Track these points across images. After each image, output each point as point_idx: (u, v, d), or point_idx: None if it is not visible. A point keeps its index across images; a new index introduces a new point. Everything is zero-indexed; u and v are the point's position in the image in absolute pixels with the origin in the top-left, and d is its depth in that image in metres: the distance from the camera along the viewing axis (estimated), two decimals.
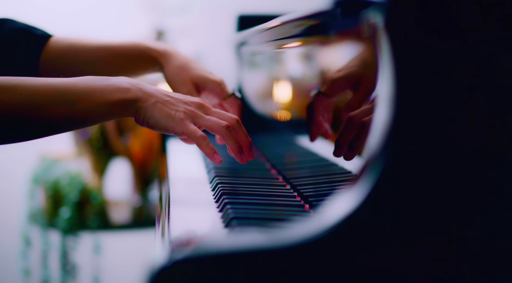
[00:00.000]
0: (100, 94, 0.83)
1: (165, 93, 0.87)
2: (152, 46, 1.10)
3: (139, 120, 0.86)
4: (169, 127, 0.85)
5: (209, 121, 0.88)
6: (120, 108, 0.84)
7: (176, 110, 0.86)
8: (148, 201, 2.30)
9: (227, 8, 2.15)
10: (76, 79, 0.85)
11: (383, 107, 0.55)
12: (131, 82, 0.86)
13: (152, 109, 0.85)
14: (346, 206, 0.54)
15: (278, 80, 1.35)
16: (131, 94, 0.84)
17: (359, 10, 0.58)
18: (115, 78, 0.86)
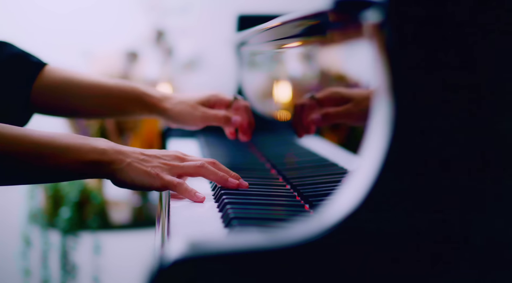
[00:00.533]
0: (76, 153, 0.85)
1: (140, 151, 0.89)
2: (149, 92, 1.11)
3: (116, 181, 0.87)
4: (147, 184, 0.87)
5: (185, 167, 0.90)
6: (95, 169, 0.86)
7: (151, 167, 0.87)
8: (148, 201, 2.30)
9: (227, 8, 2.15)
10: (55, 134, 0.86)
11: (383, 107, 0.55)
12: (108, 145, 0.87)
13: (128, 169, 0.86)
14: (346, 206, 0.54)
15: (278, 80, 1.35)
16: (106, 156, 0.86)
17: (359, 10, 0.58)
18: (93, 139, 0.88)
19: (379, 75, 0.55)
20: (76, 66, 2.61)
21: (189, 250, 0.52)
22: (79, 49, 2.53)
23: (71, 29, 2.64)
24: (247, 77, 1.59)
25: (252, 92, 1.56)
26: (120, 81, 1.13)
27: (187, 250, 0.52)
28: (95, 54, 2.50)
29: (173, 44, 2.52)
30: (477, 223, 0.55)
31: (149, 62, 2.54)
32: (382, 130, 0.55)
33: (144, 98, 1.10)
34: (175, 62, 2.54)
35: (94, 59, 2.53)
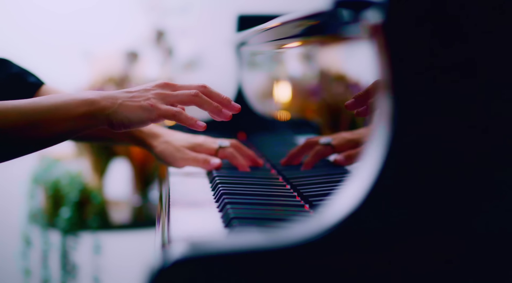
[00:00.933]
0: (65, 110, 0.84)
1: (126, 90, 0.88)
2: None
3: (114, 126, 0.87)
4: (144, 118, 0.86)
5: (179, 96, 0.89)
6: (89, 120, 0.85)
7: (143, 99, 0.87)
8: (148, 201, 2.29)
9: (227, 8, 2.15)
10: (40, 98, 0.85)
11: (383, 107, 0.55)
12: (95, 93, 0.87)
13: (121, 110, 0.85)
14: (346, 206, 0.54)
15: (278, 80, 1.35)
16: (96, 104, 0.85)
17: (359, 10, 0.58)
18: (79, 93, 0.87)
19: (379, 75, 0.55)
20: (76, 66, 2.62)
21: (189, 250, 0.52)
22: (80, 50, 2.53)
23: (72, 30, 2.64)
24: (247, 77, 1.59)
25: (252, 92, 1.56)
26: None
27: (187, 250, 0.52)
28: (95, 54, 2.50)
29: (173, 44, 2.52)
30: (479, 222, 0.55)
31: (149, 62, 2.54)
32: (382, 130, 0.55)
33: (133, 132, 1.12)
34: (175, 62, 2.54)
35: (94, 59, 2.53)
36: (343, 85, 0.94)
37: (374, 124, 0.56)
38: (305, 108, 1.20)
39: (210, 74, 2.61)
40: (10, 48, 2.66)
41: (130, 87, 1.13)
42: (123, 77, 2.45)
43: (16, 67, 1.09)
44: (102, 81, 2.51)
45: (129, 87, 0.93)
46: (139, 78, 2.49)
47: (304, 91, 1.20)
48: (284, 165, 1.10)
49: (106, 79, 2.51)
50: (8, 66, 1.08)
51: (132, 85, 2.48)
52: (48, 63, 2.65)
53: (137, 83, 2.50)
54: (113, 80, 2.50)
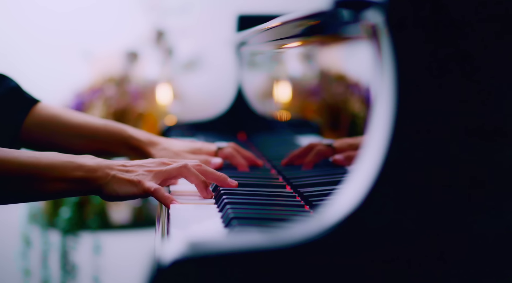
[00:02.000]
0: (62, 170, 0.86)
1: (122, 163, 0.90)
2: (135, 136, 1.13)
3: (104, 196, 0.88)
4: (130, 192, 0.88)
5: (168, 170, 0.90)
6: (81, 186, 0.87)
7: (135, 175, 0.88)
8: (148, 201, 2.29)
9: (227, 8, 2.15)
10: (41, 154, 0.88)
11: (384, 107, 0.55)
12: (94, 161, 0.89)
13: (113, 182, 0.87)
14: (346, 206, 0.54)
15: (278, 80, 1.35)
16: (92, 173, 0.87)
17: (359, 10, 0.58)
18: (79, 156, 0.89)
19: (379, 75, 0.55)
20: (76, 66, 2.62)
21: (189, 250, 0.52)
22: (80, 49, 2.53)
23: (72, 29, 2.64)
24: (247, 77, 1.59)
25: (252, 92, 1.56)
26: (107, 123, 1.15)
27: (187, 250, 0.52)
28: (95, 54, 2.50)
29: (173, 44, 2.52)
30: (479, 222, 0.55)
31: (149, 62, 2.54)
32: (382, 130, 0.55)
33: (131, 141, 1.13)
34: (175, 62, 2.54)
35: (94, 59, 2.53)
36: (343, 85, 0.94)
37: (374, 124, 0.56)
38: (305, 108, 1.20)
39: (210, 74, 2.61)
40: (10, 48, 2.66)
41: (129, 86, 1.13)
42: (123, 77, 2.45)
43: (13, 83, 1.10)
44: (102, 81, 2.51)
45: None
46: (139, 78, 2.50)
47: (304, 91, 1.20)
48: (284, 166, 1.10)
49: (106, 79, 2.51)
50: (6, 81, 1.09)
51: (132, 85, 2.48)
52: (48, 63, 2.65)
53: (138, 83, 2.50)
54: (113, 80, 2.50)
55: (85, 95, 2.46)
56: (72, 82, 2.55)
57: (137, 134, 1.13)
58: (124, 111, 2.40)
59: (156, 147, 1.12)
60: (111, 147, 1.13)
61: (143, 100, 2.47)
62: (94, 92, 2.47)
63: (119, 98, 2.43)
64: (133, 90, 2.46)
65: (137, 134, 1.13)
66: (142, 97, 2.47)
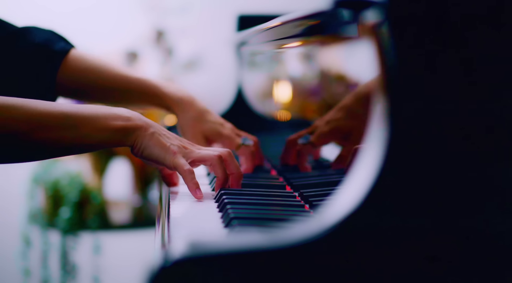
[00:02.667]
0: (104, 120, 0.87)
1: (162, 127, 0.91)
2: (169, 93, 1.13)
3: (135, 149, 0.89)
4: (161, 158, 0.89)
5: (201, 153, 0.91)
6: (121, 135, 0.88)
7: (171, 143, 0.89)
8: (148, 201, 2.29)
9: (227, 8, 2.15)
10: (81, 106, 0.89)
11: (383, 107, 0.55)
12: (132, 113, 0.90)
13: (150, 138, 0.88)
14: (346, 206, 0.54)
15: (278, 80, 1.35)
16: (132, 122, 0.88)
17: (359, 10, 0.58)
18: (117, 108, 0.90)
19: (379, 75, 0.55)
20: None
21: (189, 250, 0.52)
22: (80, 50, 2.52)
23: (71, 29, 2.64)
24: (247, 77, 1.59)
25: (252, 92, 1.56)
26: (141, 77, 1.15)
27: (187, 250, 0.52)
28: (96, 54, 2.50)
29: (173, 44, 2.52)
30: (479, 221, 0.55)
31: (149, 62, 2.54)
32: (382, 130, 0.55)
33: (164, 99, 1.14)
34: (175, 62, 2.54)
35: None
36: (343, 85, 0.94)
37: (373, 123, 0.56)
38: (305, 108, 1.20)
39: (210, 74, 2.61)
40: None
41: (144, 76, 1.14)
42: None
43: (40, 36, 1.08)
44: None
45: None
46: None
47: (304, 91, 1.20)
48: (282, 165, 1.10)
49: None
50: (32, 35, 1.08)
51: None
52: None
53: None
54: None
55: None
56: None
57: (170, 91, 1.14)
58: None
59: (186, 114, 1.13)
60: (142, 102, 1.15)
61: None
62: None
63: None
64: None
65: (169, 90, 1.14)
66: None
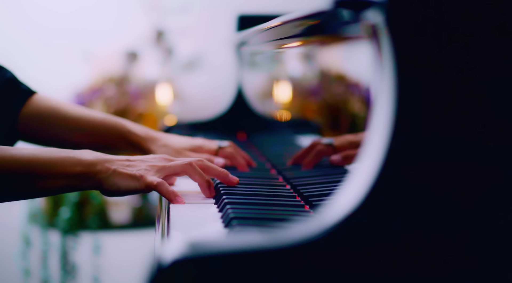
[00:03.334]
0: (61, 166, 0.86)
1: (125, 158, 0.89)
2: (134, 131, 1.12)
3: (104, 190, 0.88)
4: (132, 187, 0.87)
5: (172, 167, 0.89)
6: (81, 181, 0.86)
7: (136, 170, 0.87)
8: (148, 201, 2.29)
9: (227, 8, 2.15)
10: (39, 150, 0.87)
11: (384, 107, 0.55)
12: (93, 155, 0.88)
13: (113, 176, 0.86)
14: (346, 206, 0.54)
15: (278, 80, 1.35)
16: (92, 167, 0.86)
17: (359, 10, 0.58)
18: (78, 151, 0.88)
19: (379, 75, 0.55)
20: (76, 66, 2.62)
21: (189, 250, 0.52)
22: (80, 49, 2.53)
23: (72, 29, 2.64)
24: (247, 77, 1.59)
25: (252, 92, 1.56)
26: (106, 117, 1.14)
27: (187, 250, 0.52)
28: (95, 54, 2.50)
29: (173, 44, 2.52)
30: (479, 221, 0.55)
31: (149, 62, 2.54)
32: (382, 130, 0.55)
33: (130, 137, 1.12)
34: (175, 62, 2.54)
35: (94, 59, 2.53)
36: (343, 85, 0.94)
37: (374, 124, 0.56)
38: (305, 108, 1.20)
39: (210, 74, 2.61)
40: (11, 48, 2.66)
41: (129, 86, 1.13)
42: (123, 77, 2.45)
43: (9, 74, 1.09)
44: (102, 81, 2.51)
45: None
46: (139, 78, 2.49)
47: (304, 91, 1.20)
48: (289, 166, 1.10)
49: (106, 79, 2.51)
50: (2, 71, 1.08)
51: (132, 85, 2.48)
52: (48, 63, 2.65)
53: (138, 83, 2.50)
54: (113, 80, 2.50)
55: (85, 95, 2.46)
56: (72, 82, 2.55)
57: (136, 129, 1.12)
58: (124, 111, 2.41)
59: (156, 143, 1.11)
60: (110, 142, 1.12)
61: (143, 100, 2.47)
62: (94, 92, 2.47)
63: (119, 98, 2.43)
64: (133, 90, 2.46)
65: (136, 130, 1.12)
66: (142, 97, 2.47)
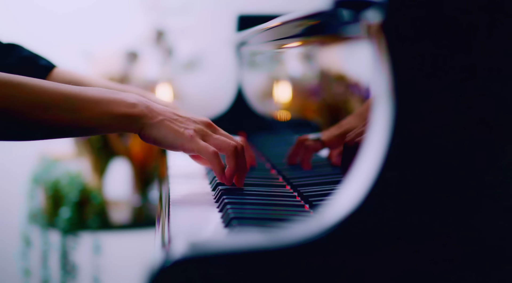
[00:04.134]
0: (105, 105, 0.83)
1: (173, 111, 0.87)
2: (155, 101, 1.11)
3: (144, 137, 0.86)
4: (178, 144, 0.86)
5: (218, 140, 0.88)
6: (124, 122, 0.84)
7: (185, 128, 0.86)
8: (148, 201, 2.29)
9: (227, 8, 2.15)
10: (84, 88, 0.85)
11: (383, 108, 0.55)
12: (139, 99, 0.85)
13: (159, 126, 0.85)
14: (346, 206, 0.54)
15: (278, 80, 1.35)
16: (136, 109, 0.84)
17: (359, 10, 0.58)
18: (124, 93, 0.86)
19: (379, 75, 0.55)
20: (76, 66, 2.61)
21: (189, 250, 0.52)
22: (79, 49, 2.53)
23: (71, 29, 2.64)
24: (247, 77, 1.59)
25: (252, 92, 1.56)
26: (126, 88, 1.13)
27: (187, 250, 0.52)
28: (95, 54, 2.50)
29: (173, 44, 2.52)
30: (479, 222, 0.55)
31: (149, 62, 2.54)
32: (382, 130, 0.55)
33: None
34: (175, 62, 2.54)
35: (94, 59, 2.53)
36: (343, 85, 0.94)
37: (373, 124, 0.56)
38: (305, 108, 1.20)
39: (210, 74, 2.61)
40: None
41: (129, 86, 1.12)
42: (123, 77, 2.45)
43: (26, 51, 1.09)
44: None
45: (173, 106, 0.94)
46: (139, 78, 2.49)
47: (304, 91, 1.20)
48: (287, 166, 1.10)
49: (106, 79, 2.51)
50: (18, 50, 1.09)
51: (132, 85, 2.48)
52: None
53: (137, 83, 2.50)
54: (113, 80, 2.50)
55: None
56: None
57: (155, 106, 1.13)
58: None
59: None
60: None
61: None
62: None
63: None
64: None
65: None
66: None
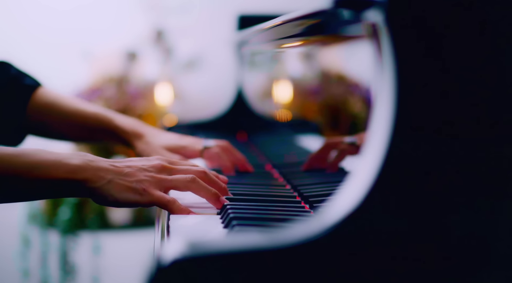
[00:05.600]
0: (44, 170, 0.78)
1: (123, 165, 0.82)
2: (122, 127, 1.12)
3: (98, 201, 0.80)
4: (132, 200, 0.80)
5: (174, 181, 0.83)
6: (66, 187, 0.79)
7: (136, 181, 0.80)
8: None
9: (227, 8, 2.15)
10: (25, 150, 0.80)
11: (384, 107, 0.55)
12: (84, 160, 0.80)
13: (109, 188, 0.79)
14: (346, 207, 0.54)
15: (278, 80, 1.35)
16: (78, 174, 0.79)
17: (360, 10, 0.58)
18: (68, 154, 0.81)
19: (379, 75, 0.55)
20: (76, 65, 2.61)
21: (188, 250, 0.52)
22: (79, 49, 2.53)
23: (71, 28, 2.64)
24: (247, 77, 1.59)
25: (252, 92, 1.56)
26: (98, 111, 1.14)
27: (187, 250, 0.52)
28: (95, 54, 2.50)
29: (173, 44, 2.52)
30: (478, 223, 0.55)
31: (149, 62, 2.54)
32: (382, 130, 0.55)
33: (117, 132, 1.12)
34: (175, 62, 2.54)
35: (94, 59, 2.53)
36: (344, 85, 0.94)
37: (374, 124, 0.56)
38: (305, 108, 1.20)
39: (210, 74, 2.61)
40: (10, 46, 2.66)
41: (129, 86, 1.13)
42: (122, 77, 2.45)
43: (14, 70, 1.11)
44: (101, 81, 2.51)
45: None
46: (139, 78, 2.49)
47: (304, 91, 1.20)
48: (305, 170, 1.07)
49: (106, 79, 2.51)
50: (6, 68, 1.10)
51: (131, 85, 2.48)
52: (48, 62, 2.65)
53: (137, 83, 2.50)
54: (112, 80, 2.50)
55: (85, 95, 2.46)
56: (72, 82, 2.55)
57: (124, 124, 1.12)
58: (123, 111, 2.41)
59: (140, 140, 1.11)
60: (99, 136, 1.14)
61: (143, 100, 2.47)
62: (94, 92, 2.47)
63: (118, 98, 2.43)
64: (132, 90, 2.46)
65: (124, 125, 1.12)
66: (141, 97, 2.47)
